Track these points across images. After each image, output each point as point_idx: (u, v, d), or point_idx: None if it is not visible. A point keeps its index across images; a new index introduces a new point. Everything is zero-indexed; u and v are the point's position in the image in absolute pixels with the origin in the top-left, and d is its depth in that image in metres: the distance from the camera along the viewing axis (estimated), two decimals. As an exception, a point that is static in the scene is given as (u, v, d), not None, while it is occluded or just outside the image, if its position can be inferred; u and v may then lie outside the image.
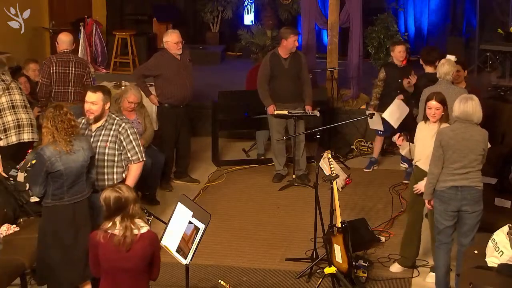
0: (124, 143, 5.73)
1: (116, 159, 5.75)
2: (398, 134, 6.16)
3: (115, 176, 5.77)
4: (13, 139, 7.03)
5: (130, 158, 5.79)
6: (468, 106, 5.45)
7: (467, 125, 5.47)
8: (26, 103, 7.25)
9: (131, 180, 5.78)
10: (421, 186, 5.85)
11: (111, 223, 4.26)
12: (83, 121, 5.71)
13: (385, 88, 8.31)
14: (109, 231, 4.25)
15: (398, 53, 8.27)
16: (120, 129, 5.72)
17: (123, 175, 5.80)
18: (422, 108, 6.49)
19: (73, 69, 7.63)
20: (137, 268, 4.34)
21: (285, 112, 8.00)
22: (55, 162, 5.09)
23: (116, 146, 5.72)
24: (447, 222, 5.57)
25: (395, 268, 6.24)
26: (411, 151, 6.08)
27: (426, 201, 5.72)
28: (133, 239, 4.25)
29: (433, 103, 5.83)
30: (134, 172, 5.82)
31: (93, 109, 5.62)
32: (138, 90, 7.61)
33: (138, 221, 4.31)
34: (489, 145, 7.03)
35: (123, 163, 5.78)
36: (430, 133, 5.83)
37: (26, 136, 7.10)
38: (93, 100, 5.61)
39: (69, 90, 7.59)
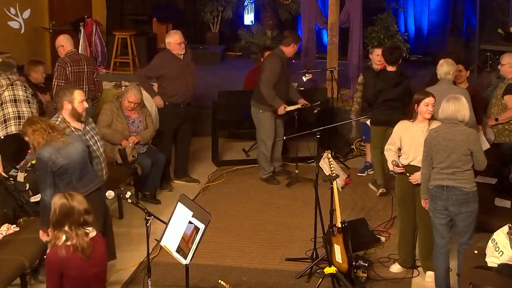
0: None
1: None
2: (393, 166, 6.05)
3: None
4: (12, 129, 7.07)
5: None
6: (450, 105, 5.45)
7: (451, 126, 5.46)
8: (29, 99, 7.30)
9: None
10: (418, 176, 5.86)
11: (64, 235, 4.17)
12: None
13: (363, 92, 8.08)
14: (68, 243, 4.17)
15: (376, 57, 8.00)
16: (94, 124, 5.97)
17: None
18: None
19: (86, 67, 7.68)
20: (104, 272, 4.38)
21: (298, 106, 8.09)
22: (56, 159, 5.10)
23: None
24: (437, 220, 5.59)
25: (395, 268, 6.24)
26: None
27: (422, 200, 5.74)
28: (90, 244, 4.21)
29: (431, 99, 5.84)
30: None
31: (86, 106, 5.72)
32: (139, 90, 7.62)
33: (86, 228, 4.26)
34: (488, 146, 7.05)
35: None
36: (422, 131, 5.84)
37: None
38: (86, 98, 5.81)
39: (84, 89, 7.56)
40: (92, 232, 4.28)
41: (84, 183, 5.24)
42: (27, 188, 6.30)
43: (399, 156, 6.06)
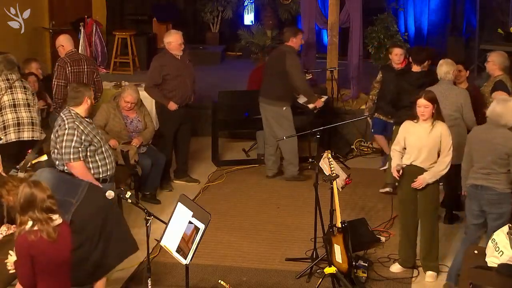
0: None
1: None
2: (395, 170, 6.01)
3: None
4: (12, 137, 6.98)
5: None
6: (496, 107, 5.44)
7: (492, 127, 5.44)
8: (29, 101, 7.17)
9: None
10: (422, 180, 5.85)
11: (29, 220, 4.30)
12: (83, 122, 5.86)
13: (380, 90, 8.19)
14: (35, 228, 4.29)
15: (395, 56, 8.09)
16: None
17: None
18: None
19: (86, 67, 7.67)
20: (70, 259, 4.47)
21: (326, 96, 8.53)
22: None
23: None
24: (471, 219, 5.63)
25: (395, 268, 6.24)
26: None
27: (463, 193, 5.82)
28: (55, 229, 4.31)
29: (421, 101, 5.80)
30: None
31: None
32: (136, 90, 7.61)
33: (51, 215, 4.37)
34: None
35: None
36: (426, 131, 5.83)
37: (26, 135, 7.05)
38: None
39: None
40: (58, 219, 4.37)
41: (74, 190, 5.28)
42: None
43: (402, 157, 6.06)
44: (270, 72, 8.20)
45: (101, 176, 5.85)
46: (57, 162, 5.82)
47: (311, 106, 8.24)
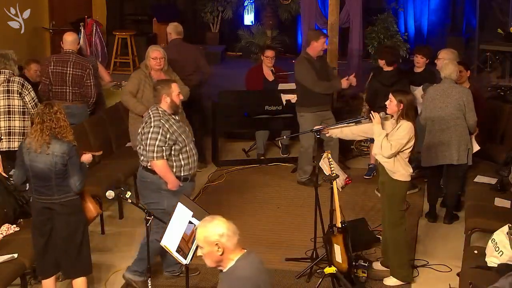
0: None
1: None
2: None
3: None
4: None
5: None
6: None
7: None
8: (11, 108, 6.97)
9: None
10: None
11: None
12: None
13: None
14: None
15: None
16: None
17: None
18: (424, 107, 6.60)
19: (71, 69, 7.55)
20: None
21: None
22: (24, 155, 5.21)
23: None
24: None
25: (391, 281, 6.06)
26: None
27: None
28: None
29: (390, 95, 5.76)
30: None
31: (182, 97, 5.81)
32: (158, 46, 7.58)
33: None
34: (478, 147, 7.10)
35: None
36: (390, 127, 5.81)
37: (5, 145, 6.93)
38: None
39: (67, 90, 7.53)
40: None
41: (39, 193, 5.25)
42: (27, 188, 6.29)
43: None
44: None
45: (182, 174, 5.68)
46: (141, 158, 5.69)
47: None
